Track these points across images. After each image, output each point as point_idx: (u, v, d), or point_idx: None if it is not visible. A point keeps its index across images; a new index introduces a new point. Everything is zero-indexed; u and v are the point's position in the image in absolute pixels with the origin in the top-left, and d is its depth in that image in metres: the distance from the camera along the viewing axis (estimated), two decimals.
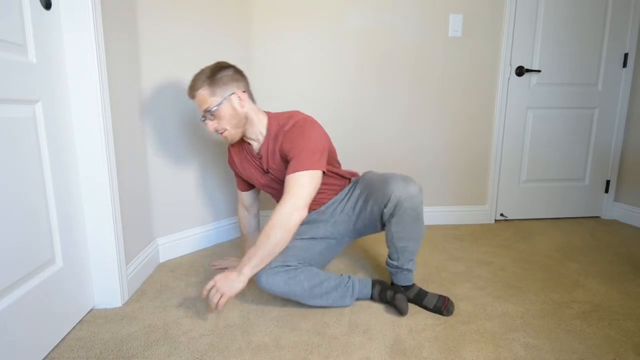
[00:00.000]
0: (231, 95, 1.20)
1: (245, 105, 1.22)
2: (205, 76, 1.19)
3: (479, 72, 2.09)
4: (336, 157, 1.35)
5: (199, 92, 1.19)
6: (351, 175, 1.42)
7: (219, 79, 1.18)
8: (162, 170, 1.61)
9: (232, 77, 1.21)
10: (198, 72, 1.22)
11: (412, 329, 1.13)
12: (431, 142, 2.14)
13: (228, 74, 1.20)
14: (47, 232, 1.02)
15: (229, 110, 1.20)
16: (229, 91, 1.19)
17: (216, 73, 1.19)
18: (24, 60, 0.93)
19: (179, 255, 1.71)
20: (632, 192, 2.21)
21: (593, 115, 2.23)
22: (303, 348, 1.04)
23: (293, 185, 1.12)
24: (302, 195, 1.11)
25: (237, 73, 1.23)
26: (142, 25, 1.46)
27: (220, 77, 1.19)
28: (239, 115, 1.22)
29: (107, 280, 1.24)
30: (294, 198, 1.10)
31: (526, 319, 1.19)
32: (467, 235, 2.00)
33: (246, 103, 1.23)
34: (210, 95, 1.18)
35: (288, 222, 1.09)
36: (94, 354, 1.01)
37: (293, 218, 1.09)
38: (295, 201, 1.10)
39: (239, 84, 1.22)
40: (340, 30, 1.98)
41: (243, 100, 1.21)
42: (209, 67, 1.21)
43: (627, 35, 2.15)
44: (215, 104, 1.18)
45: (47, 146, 1.01)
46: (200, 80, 1.19)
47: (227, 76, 1.19)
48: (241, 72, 1.25)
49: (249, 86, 1.28)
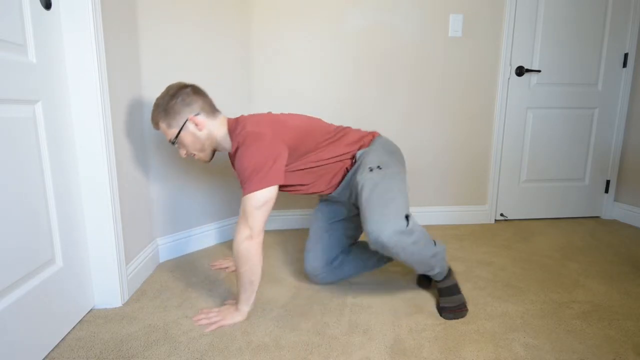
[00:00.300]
0: (186, 123, 1.18)
1: (205, 127, 1.20)
2: (160, 109, 1.18)
3: (479, 72, 2.09)
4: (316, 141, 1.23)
5: (160, 126, 1.21)
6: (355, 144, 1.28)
7: (171, 110, 1.17)
8: (162, 170, 1.61)
9: (184, 102, 1.17)
10: (155, 104, 1.21)
11: (412, 329, 1.13)
12: (431, 142, 2.14)
13: (179, 100, 1.17)
14: (47, 232, 1.02)
15: (189, 137, 1.20)
16: (183, 119, 1.18)
17: (168, 103, 1.17)
18: (24, 60, 0.93)
19: (179, 255, 1.71)
20: (632, 192, 2.21)
21: (593, 115, 2.23)
22: (303, 348, 1.04)
23: (242, 213, 1.10)
24: (251, 223, 1.08)
25: (190, 95, 1.19)
26: (142, 25, 1.46)
27: (172, 106, 1.17)
28: (200, 139, 1.21)
29: (107, 280, 1.24)
30: (242, 228, 1.09)
31: (526, 319, 1.19)
32: (467, 235, 2.00)
33: (204, 124, 1.20)
34: (168, 127, 1.19)
35: (247, 253, 1.09)
36: (94, 354, 1.01)
37: (249, 249, 1.09)
38: (244, 231, 1.09)
39: (192, 107, 1.18)
40: (340, 30, 1.98)
41: (200, 124, 1.19)
42: (162, 97, 1.19)
43: (627, 35, 2.15)
44: (174, 135, 1.20)
45: (47, 146, 1.01)
46: (156, 114, 1.20)
47: (178, 103, 1.17)
48: (196, 91, 1.21)
49: (207, 101, 1.23)
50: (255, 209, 1.08)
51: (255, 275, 1.12)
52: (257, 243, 1.10)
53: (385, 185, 1.13)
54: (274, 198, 1.11)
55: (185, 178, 1.70)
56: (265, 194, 1.08)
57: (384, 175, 1.16)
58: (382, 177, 1.15)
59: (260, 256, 1.12)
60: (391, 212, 1.06)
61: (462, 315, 1.19)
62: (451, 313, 1.19)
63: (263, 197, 1.08)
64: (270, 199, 1.10)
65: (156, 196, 1.60)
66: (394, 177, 1.17)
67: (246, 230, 1.09)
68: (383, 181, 1.14)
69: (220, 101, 1.78)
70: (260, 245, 1.11)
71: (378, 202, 1.09)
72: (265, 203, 1.09)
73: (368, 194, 1.12)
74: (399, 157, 1.30)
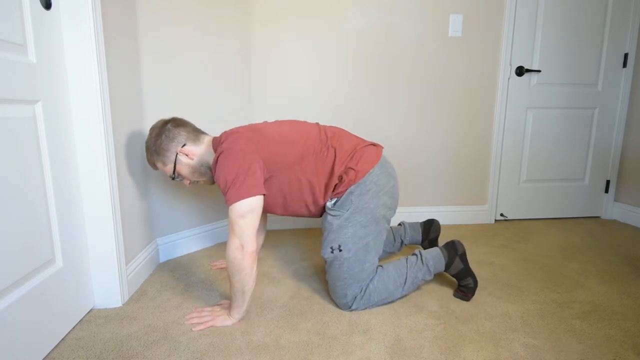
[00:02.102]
0: (177, 156, 1.23)
1: (195, 155, 1.23)
2: (152, 151, 1.24)
3: (479, 72, 2.09)
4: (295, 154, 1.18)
5: (158, 166, 1.27)
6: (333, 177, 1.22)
7: (159, 149, 1.22)
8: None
9: (168, 138, 1.21)
10: (145, 148, 1.26)
11: (412, 329, 1.13)
12: (431, 142, 2.14)
13: (164, 138, 1.21)
14: (47, 232, 1.02)
15: (185, 168, 1.24)
16: (173, 154, 1.22)
17: (155, 143, 1.22)
18: (24, 60, 0.93)
19: (179, 255, 1.71)
20: (632, 192, 2.21)
21: (593, 115, 2.23)
22: (303, 348, 1.04)
23: (230, 225, 1.10)
24: (238, 232, 1.08)
25: (171, 130, 1.22)
26: (142, 25, 1.46)
27: (159, 145, 1.21)
28: (193, 167, 1.24)
29: (107, 280, 1.24)
30: (232, 238, 1.09)
31: (526, 319, 1.19)
32: (467, 235, 2.00)
33: (194, 153, 1.23)
34: (163, 165, 1.24)
35: (238, 264, 1.09)
36: (94, 354, 1.01)
37: (240, 260, 1.08)
38: (234, 241, 1.09)
39: (178, 139, 1.22)
40: (340, 30, 1.98)
41: (189, 153, 1.22)
42: (149, 139, 1.24)
43: (627, 35, 2.15)
44: (171, 171, 1.24)
45: (47, 146, 1.01)
46: (150, 157, 1.25)
47: (165, 141, 1.21)
48: (177, 123, 1.24)
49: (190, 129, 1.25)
50: (239, 217, 1.07)
51: (247, 286, 1.11)
52: (248, 253, 1.08)
53: (336, 272, 1.22)
54: (259, 208, 1.10)
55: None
56: (246, 203, 1.07)
57: (340, 261, 1.21)
58: (339, 262, 1.21)
59: (252, 267, 1.10)
60: (337, 296, 1.24)
61: (466, 298, 1.30)
62: (459, 292, 1.32)
63: (245, 206, 1.07)
64: (254, 209, 1.08)
65: (156, 196, 1.60)
66: (350, 259, 1.20)
67: (235, 240, 1.08)
68: (336, 267, 1.22)
69: (220, 101, 1.78)
70: (252, 256, 1.09)
71: (331, 282, 1.25)
72: (249, 212, 1.07)
73: (327, 271, 1.26)
74: (376, 209, 1.22)
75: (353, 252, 1.20)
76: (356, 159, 1.23)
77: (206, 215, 1.82)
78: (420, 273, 1.26)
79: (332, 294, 1.26)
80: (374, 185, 1.22)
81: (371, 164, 1.23)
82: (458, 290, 1.33)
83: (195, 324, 1.15)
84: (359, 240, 1.20)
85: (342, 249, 1.20)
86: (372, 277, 1.22)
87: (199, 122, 1.71)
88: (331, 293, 1.26)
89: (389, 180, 1.26)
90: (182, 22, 1.59)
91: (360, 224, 1.21)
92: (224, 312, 1.18)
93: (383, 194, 1.24)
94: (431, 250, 1.31)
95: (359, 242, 1.20)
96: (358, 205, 1.20)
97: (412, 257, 1.29)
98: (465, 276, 1.30)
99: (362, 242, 1.21)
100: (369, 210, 1.21)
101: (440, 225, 1.59)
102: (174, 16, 1.56)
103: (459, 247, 1.31)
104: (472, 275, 1.30)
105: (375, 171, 1.23)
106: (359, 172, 1.21)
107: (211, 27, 1.70)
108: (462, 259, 1.30)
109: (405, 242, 1.60)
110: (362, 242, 1.21)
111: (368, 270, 1.21)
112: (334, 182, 1.22)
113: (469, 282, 1.30)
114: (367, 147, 1.27)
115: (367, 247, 1.21)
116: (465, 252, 1.32)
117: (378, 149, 1.30)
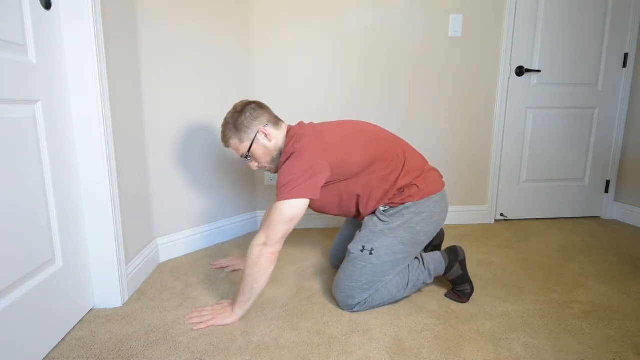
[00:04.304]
0: (257, 135, 1.23)
1: (273, 137, 1.25)
2: (230, 126, 1.24)
3: (479, 72, 2.09)
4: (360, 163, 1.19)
5: (231, 143, 1.27)
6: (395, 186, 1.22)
7: (241, 125, 1.23)
8: (162, 170, 1.61)
9: (252, 116, 1.23)
10: (224, 123, 1.27)
11: (412, 329, 1.13)
12: (431, 142, 2.14)
13: (247, 115, 1.23)
14: (47, 232, 1.02)
15: (261, 149, 1.25)
16: (253, 132, 1.23)
17: (237, 120, 1.23)
18: (24, 60, 0.93)
19: (179, 255, 1.71)
20: (632, 192, 2.21)
21: (593, 115, 2.23)
22: (303, 348, 1.04)
23: (269, 220, 1.12)
24: (270, 233, 1.10)
25: (256, 109, 1.25)
26: (142, 25, 1.46)
27: (242, 122, 1.23)
28: (270, 150, 1.25)
29: (107, 280, 1.24)
30: (261, 234, 1.12)
31: (526, 319, 1.19)
32: (467, 235, 2.00)
33: (273, 135, 1.25)
34: (240, 142, 1.25)
35: (257, 259, 1.10)
36: (94, 354, 1.01)
37: (261, 257, 1.10)
38: (261, 237, 1.11)
39: (261, 119, 1.24)
40: (340, 31, 1.98)
41: (269, 135, 1.24)
42: (231, 115, 1.26)
43: (627, 35, 2.15)
44: (246, 149, 1.25)
45: (47, 146, 1.01)
46: (227, 132, 1.25)
47: (248, 118, 1.23)
48: (260, 105, 1.27)
49: (271, 113, 1.28)
50: (278, 222, 1.09)
51: (258, 282, 1.12)
52: (271, 253, 1.10)
53: (355, 272, 1.21)
54: (301, 214, 1.12)
55: (185, 178, 1.70)
56: (293, 207, 1.09)
57: (365, 263, 1.20)
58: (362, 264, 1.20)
59: (269, 266, 1.11)
60: (343, 295, 1.22)
61: (460, 300, 1.29)
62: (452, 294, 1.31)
63: (289, 212, 1.09)
64: (296, 216, 1.11)
65: (156, 196, 1.60)
66: (375, 266, 1.20)
67: (263, 236, 1.11)
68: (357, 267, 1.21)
69: (220, 101, 1.78)
70: (274, 255, 1.11)
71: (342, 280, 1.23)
72: (290, 220, 1.10)
73: (344, 264, 1.25)
74: (420, 233, 1.23)
75: (382, 261, 1.20)
76: (423, 178, 1.25)
77: (206, 215, 1.82)
78: (422, 276, 1.26)
79: (337, 290, 1.24)
80: (429, 210, 1.24)
81: (435, 190, 1.26)
82: (452, 292, 1.33)
83: (196, 323, 1.15)
84: (392, 254, 1.20)
85: (373, 253, 1.20)
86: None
87: (199, 121, 1.71)
88: (336, 289, 1.24)
89: (442, 212, 1.28)
90: (182, 21, 1.59)
91: (401, 240, 1.21)
92: (224, 310, 1.18)
93: (432, 222, 1.25)
94: (432, 254, 1.31)
95: (391, 255, 1.20)
96: (407, 222, 1.22)
97: (415, 260, 1.29)
98: (463, 282, 1.30)
99: (394, 256, 1.21)
100: (414, 232, 1.22)
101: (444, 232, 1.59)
102: (174, 16, 1.56)
103: (460, 253, 1.31)
104: (469, 281, 1.30)
105: (435, 198, 1.25)
106: (421, 191, 1.23)
107: (212, 27, 1.70)
108: (461, 265, 1.29)
109: None
110: (394, 257, 1.21)
111: (384, 282, 1.22)
112: (394, 191, 1.23)
113: (465, 287, 1.30)
114: (433, 171, 1.31)
115: (395, 262, 1.21)
116: (465, 258, 1.31)
117: (442, 178, 1.33)
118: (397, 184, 1.22)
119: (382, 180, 1.22)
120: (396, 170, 1.23)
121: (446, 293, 1.33)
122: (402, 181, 1.23)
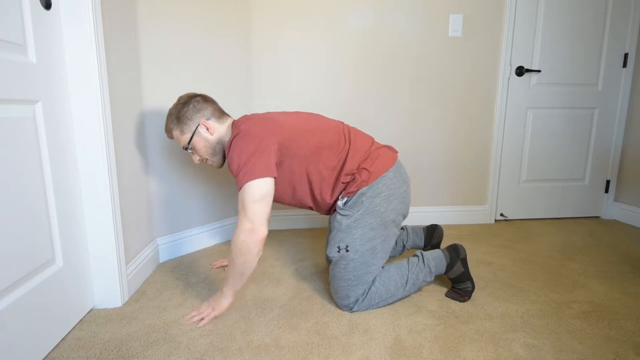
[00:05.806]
0: (198, 128, 1.24)
1: (215, 131, 1.25)
2: (173, 117, 1.25)
3: (479, 72, 2.09)
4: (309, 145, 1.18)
5: (173, 134, 1.27)
6: (348, 175, 1.22)
7: (183, 117, 1.23)
8: (162, 170, 1.61)
9: (195, 109, 1.24)
10: (168, 114, 1.27)
11: (412, 329, 1.13)
12: (431, 142, 2.14)
13: (190, 107, 1.23)
14: (47, 232, 1.02)
15: (201, 142, 1.25)
16: (194, 124, 1.24)
17: (180, 111, 1.24)
18: (24, 60, 0.93)
19: (179, 255, 1.71)
20: (632, 192, 2.21)
21: (593, 115, 2.23)
22: (303, 348, 1.04)
23: (240, 208, 1.10)
24: (250, 216, 1.07)
25: (200, 102, 1.25)
26: (142, 24, 1.46)
27: (184, 114, 1.23)
28: (211, 143, 1.25)
29: (107, 280, 1.24)
30: (243, 221, 1.09)
31: (526, 319, 1.19)
32: (467, 235, 2.00)
33: (215, 129, 1.25)
34: (181, 133, 1.25)
35: (245, 247, 1.08)
36: (94, 354, 1.01)
37: (248, 242, 1.08)
38: (244, 224, 1.08)
39: (203, 112, 1.24)
40: (340, 31, 1.98)
41: (210, 128, 1.24)
42: (174, 107, 1.26)
43: (627, 35, 2.15)
44: (187, 141, 1.25)
45: (47, 146, 1.01)
46: (170, 123, 1.26)
47: (190, 110, 1.23)
48: (205, 98, 1.27)
49: (216, 107, 1.28)
50: (252, 202, 1.07)
51: (248, 270, 1.11)
52: (258, 239, 1.08)
53: (341, 272, 1.21)
54: (272, 192, 1.11)
55: (185, 178, 1.70)
56: (259, 186, 1.07)
57: (346, 261, 1.20)
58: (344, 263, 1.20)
59: (259, 252, 1.10)
60: (339, 296, 1.23)
61: (461, 299, 1.29)
62: (452, 293, 1.32)
63: (258, 191, 1.07)
64: (267, 194, 1.09)
65: (156, 196, 1.60)
66: (356, 260, 1.20)
67: (247, 223, 1.08)
68: (341, 267, 1.21)
69: (221, 100, 1.78)
70: (261, 242, 1.09)
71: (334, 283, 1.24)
72: (263, 198, 1.08)
73: (330, 270, 1.26)
74: (386, 213, 1.21)
75: (360, 253, 1.19)
76: (371, 160, 1.23)
77: (206, 215, 1.82)
78: (421, 274, 1.26)
79: (334, 294, 1.25)
80: (386, 188, 1.22)
81: (386, 167, 1.23)
82: (452, 291, 1.33)
83: (198, 320, 1.15)
84: (367, 243, 1.20)
85: (349, 250, 1.20)
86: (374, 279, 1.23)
87: None
88: (333, 293, 1.26)
89: (402, 185, 1.26)
90: (182, 22, 1.59)
91: (370, 226, 1.20)
92: (216, 297, 1.18)
93: (394, 199, 1.23)
94: (433, 252, 1.31)
95: (366, 244, 1.20)
96: (369, 207, 1.20)
97: (414, 258, 1.29)
98: (464, 280, 1.30)
99: (370, 244, 1.20)
100: (379, 214, 1.21)
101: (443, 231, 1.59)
102: (174, 16, 1.56)
103: (461, 251, 1.31)
104: (471, 279, 1.30)
105: (389, 175, 1.23)
106: (372, 173, 1.21)
107: (212, 27, 1.70)
108: (463, 263, 1.29)
109: (407, 247, 1.59)
110: (370, 245, 1.20)
111: (373, 274, 1.21)
112: (344, 177, 1.22)
113: (467, 285, 1.30)
114: (382, 149, 1.28)
115: (374, 250, 1.21)
116: (466, 256, 1.32)
117: (393, 152, 1.30)
118: (346, 167, 1.21)
119: (332, 169, 1.22)
120: (342, 153, 1.22)
121: (446, 292, 1.33)
122: (350, 164, 1.21)
